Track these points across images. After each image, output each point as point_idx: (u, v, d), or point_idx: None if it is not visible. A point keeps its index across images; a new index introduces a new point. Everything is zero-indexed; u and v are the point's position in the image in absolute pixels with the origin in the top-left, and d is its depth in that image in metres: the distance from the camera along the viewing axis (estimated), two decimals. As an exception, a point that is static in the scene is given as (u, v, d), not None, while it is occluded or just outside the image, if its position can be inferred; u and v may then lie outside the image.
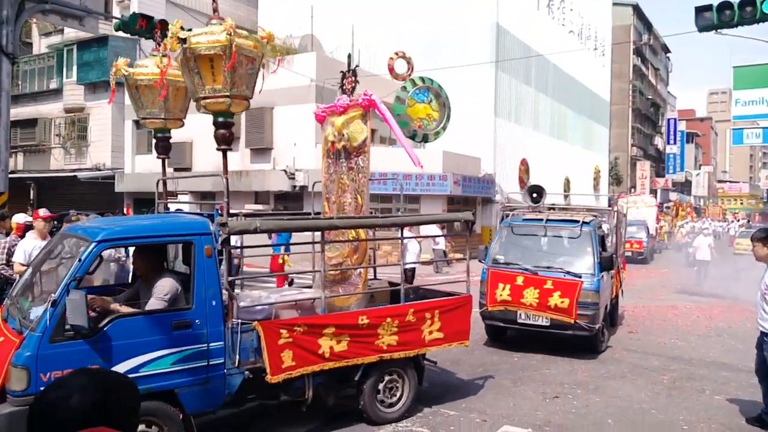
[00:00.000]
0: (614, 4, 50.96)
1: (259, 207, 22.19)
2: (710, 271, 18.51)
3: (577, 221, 9.59)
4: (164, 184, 7.18)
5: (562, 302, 8.65)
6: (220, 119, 5.56)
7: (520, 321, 9.04)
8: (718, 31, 15.10)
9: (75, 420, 1.36)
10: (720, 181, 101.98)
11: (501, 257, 9.81)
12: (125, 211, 23.85)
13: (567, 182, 37.60)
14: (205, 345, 4.95)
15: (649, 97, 66.81)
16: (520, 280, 9.06)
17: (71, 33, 27.22)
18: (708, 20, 12.16)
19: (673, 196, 62.64)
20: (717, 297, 15.76)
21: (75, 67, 27.62)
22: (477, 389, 7.38)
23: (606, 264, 9.09)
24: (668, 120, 66.49)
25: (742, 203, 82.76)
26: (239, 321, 5.14)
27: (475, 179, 25.19)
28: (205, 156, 23.22)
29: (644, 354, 9.52)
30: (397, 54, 24.04)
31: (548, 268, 9.21)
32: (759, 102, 16.83)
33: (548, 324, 8.85)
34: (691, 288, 17.29)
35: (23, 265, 7.15)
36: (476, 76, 27.27)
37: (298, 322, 5.51)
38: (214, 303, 5.02)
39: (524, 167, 32.20)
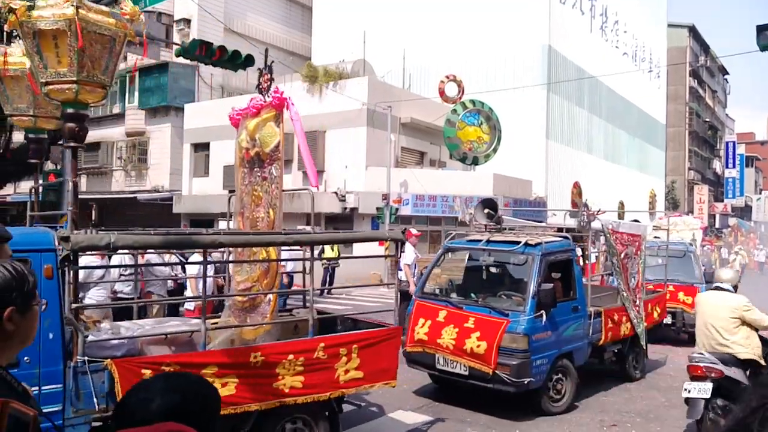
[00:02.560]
0: (669, 25, 50.16)
1: (308, 228, 22.45)
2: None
3: (518, 243, 7.59)
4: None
5: (479, 346, 6.80)
6: (69, 110, 4.60)
7: (438, 366, 7.24)
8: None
9: (152, 422, 1.39)
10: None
11: (433, 286, 8.63)
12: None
13: (621, 206, 36.84)
14: (36, 389, 4.00)
15: (707, 119, 65.09)
16: (441, 316, 7.34)
17: (133, 60, 28.25)
18: (771, 39, 11.78)
19: (732, 221, 60.55)
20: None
21: (137, 93, 28.66)
22: (531, 416, 7.22)
23: (546, 299, 6.93)
24: (727, 143, 64.52)
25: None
26: (85, 359, 4.21)
27: (526, 202, 24.93)
28: (258, 178, 23.71)
29: (706, 383, 9.16)
30: (447, 77, 24.20)
31: (475, 301, 7.63)
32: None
33: (467, 373, 6.94)
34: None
35: None
36: (528, 99, 27.16)
37: (166, 360, 4.54)
38: (51, 336, 4.14)
39: (576, 190, 31.70)
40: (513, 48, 28.47)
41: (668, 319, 11.69)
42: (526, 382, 6.70)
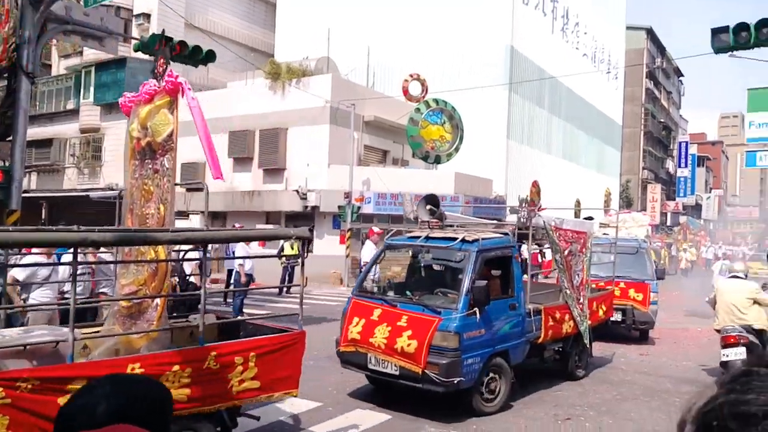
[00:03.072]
0: (628, 27, 51.28)
1: (270, 227, 22.39)
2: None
3: (455, 239, 7.46)
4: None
5: (409, 345, 6.64)
6: None
7: (370, 366, 7.06)
8: (733, 53, 15.22)
9: (93, 426, 1.33)
10: (730, 205, 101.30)
11: (371, 284, 8.53)
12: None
13: (578, 204, 37.57)
14: None
15: (661, 120, 66.79)
16: (376, 314, 7.15)
17: (90, 55, 27.69)
18: (724, 42, 12.17)
19: (683, 219, 62.31)
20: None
21: (92, 88, 28.04)
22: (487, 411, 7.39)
23: (479, 297, 6.78)
24: (680, 143, 66.30)
25: (752, 227, 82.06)
26: None
27: (486, 200, 25.27)
28: (219, 175, 23.47)
29: (656, 376, 9.50)
30: (411, 76, 24.37)
31: (410, 299, 7.46)
32: (773, 124, 16.90)
33: (397, 373, 6.78)
34: (703, 311, 17.18)
35: None
36: (490, 99, 27.51)
37: (23, 375, 3.94)
38: None
39: (536, 189, 32.23)
40: (476, 48, 28.79)
41: (618, 316, 11.79)
42: (455, 381, 6.52)
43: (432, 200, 8.46)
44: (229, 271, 16.02)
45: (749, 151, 19.87)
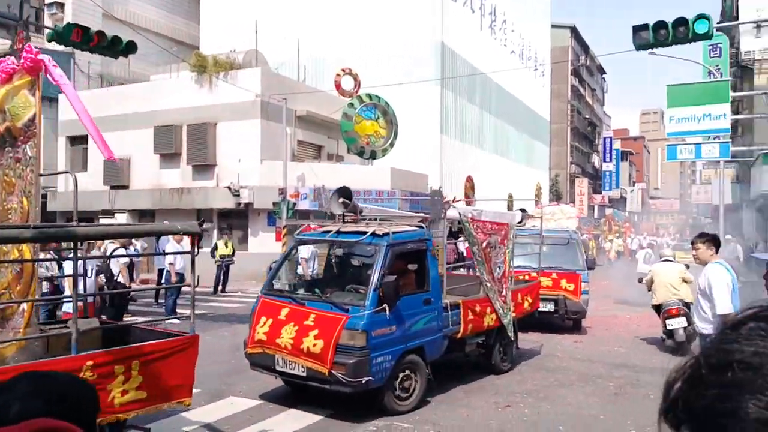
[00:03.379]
0: (553, 26, 52.64)
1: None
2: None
3: (365, 233, 7.11)
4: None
5: (315, 345, 6.33)
6: None
7: (278, 368, 6.74)
8: (653, 50, 15.74)
9: (9, 424, 1.22)
10: (652, 198, 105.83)
11: (281, 281, 8.19)
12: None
13: (510, 198, 38.32)
14: None
15: (587, 116, 69.04)
16: (283, 313, 6.83)
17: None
18: (645, 39, 12.61)
19: (608, 212, 64.62)
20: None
21: None
22: (429, 401, 7.32)
23: (389, 292, 6.45)
24: (604, 139, 68.65)
25: (673, 218, 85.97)
26: None
27: (422, 195, 25.34)
28: (143, 174, 22.64)
29: (590, 362, 9.68)
30: (344, 71, 24.16)
31: (318, 297, 7.23)
32: (691, 119, 17.56)
33: (305, 374, 6.50)
34: (632, 299, 17.75)
35: None
36: (422, 95, 27.60)
37: None
38: None
39: (470, 184, 32.67)
40: (407, 43, 28.83)
41: (551, 307, 11.89)
42: (364, 381, 6.24)
43: (344, 192, 8.01)
44: (160, 271, 15.46)
45: (670, 145, 20.66)
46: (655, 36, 12.49)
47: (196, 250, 5.28)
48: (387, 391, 6.61)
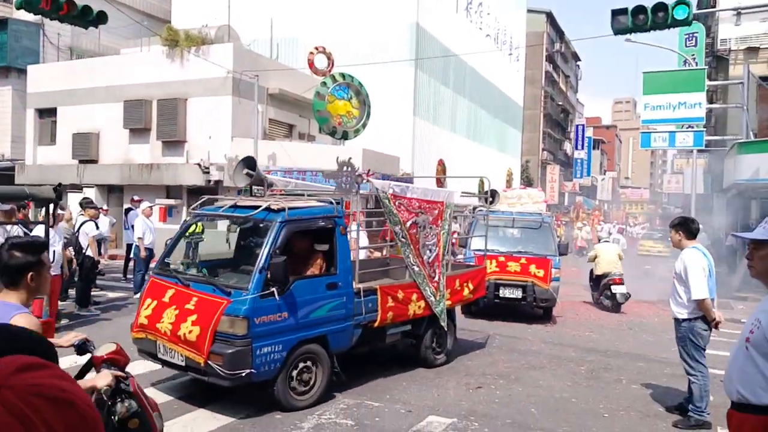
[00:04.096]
0: (529, 11, 52.59)
1: (171, 202, 21.33)
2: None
3: (255, 208, 6.35)
4: None
5: (191, 332, 5.67)
6: None
7: (160, 356, 6.09)
8: (630, 36, 15.74)
9: None
10: (623, 187, 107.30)
11: (175, 261, 7.43)
12: (27, 205, 22.33)
13: (481, 183, 38.39)
14: None
15: (560, 103, 69.42)
16: (168, 295, 6.17)
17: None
18: (623, 24, 12.56)
19: (579, 199, 65.28)
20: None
21: (-31, 51, 25.68)
22: (400, 381, 7.24)
23: (277, 274, 5.72)
24: (577, 126, 69.21)
25: (642, 208, 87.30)
26: None
27: (394, 178, 25.20)
28: (112, 148, 22.13)
29: (561, 345, 9.70)
30: (317, 49, 23.75)
31: (204, 277, 6.47)
32: (666, 107, 17.65)
33: (184, 364, 5.85)
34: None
35: None
36: (396, 75, 27.37)
37: None
38: None
39: (441, 167, 32.57)
40: (381, 23, 28.48)
41: (518, 294, 11.34)
42: (244, 374, 5.55)
43: (249, 163, 7.30)
44: (128, 246, 15.15)
45: (644, 132, 20.71)
46: (633, 20, 12.45)
47: (50, 219, 4.85)
48: (282, 384, 5.93)
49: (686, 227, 6.38)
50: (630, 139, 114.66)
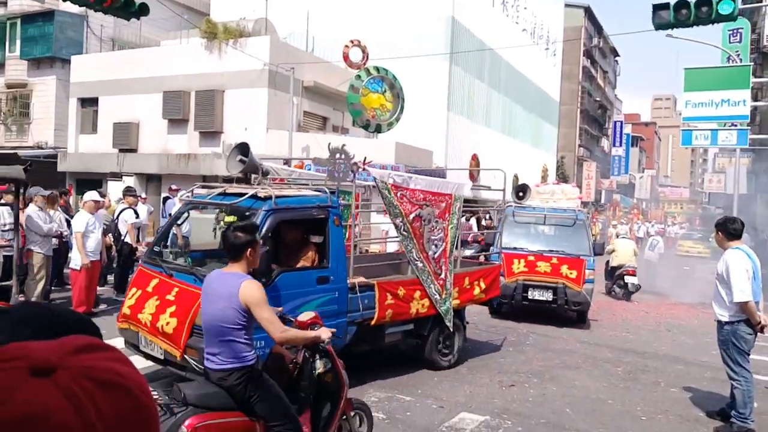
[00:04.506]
0: (566, 5, 51.78)
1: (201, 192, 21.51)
2: (657, 271, 18.86)
3: (241, 196, 6.10)
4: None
5: (168, 324, 5.48)
6: None
7: (141, 348, 5.92)
8: (671, 31, 15.32)
9: None
10: (662, 185, 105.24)
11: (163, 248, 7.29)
12: (68, 191, 22.86)
13: (516, 179, 38.01)
14: None
15: (597, 99, 68.26)
16: (152, 285, 6.02)
17: (15, 6, 26.05)
18: (665, 19, 12.23)
19: (616, 197, 64.19)
20: (663, 295, 16.16)
21: (18, 42, 26.30)
22: (431, 377, 7.20)
23: (260, 266, 5.13)
24: (615, 122, 68.00)
25: (682, 207, 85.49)
26: None
27: (427, 172, 25.08)
28: (151, 137, 22.47)
29: (597, 345, 9.54)
30: (352, 42, 23.75)
31: (186, 267, 6.30)
32: (708, 104, 17.15)
33: (162, 357, 5.67)
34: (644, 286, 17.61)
35: None
36: (431, 69, 27.25)
37: None
38: None
39: (475, 162, 32.33)
40: (417, 17, 28.35)
41: (548, 296, 10.70)
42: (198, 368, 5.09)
43: (243, 149, 6.89)
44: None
45: (685, 129, 20.17)
46: (675, 15, 12.10)
47: (20, 201, 4.52)
48: None
49: (724, 227, 6.21)
50: (669, 136, 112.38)
